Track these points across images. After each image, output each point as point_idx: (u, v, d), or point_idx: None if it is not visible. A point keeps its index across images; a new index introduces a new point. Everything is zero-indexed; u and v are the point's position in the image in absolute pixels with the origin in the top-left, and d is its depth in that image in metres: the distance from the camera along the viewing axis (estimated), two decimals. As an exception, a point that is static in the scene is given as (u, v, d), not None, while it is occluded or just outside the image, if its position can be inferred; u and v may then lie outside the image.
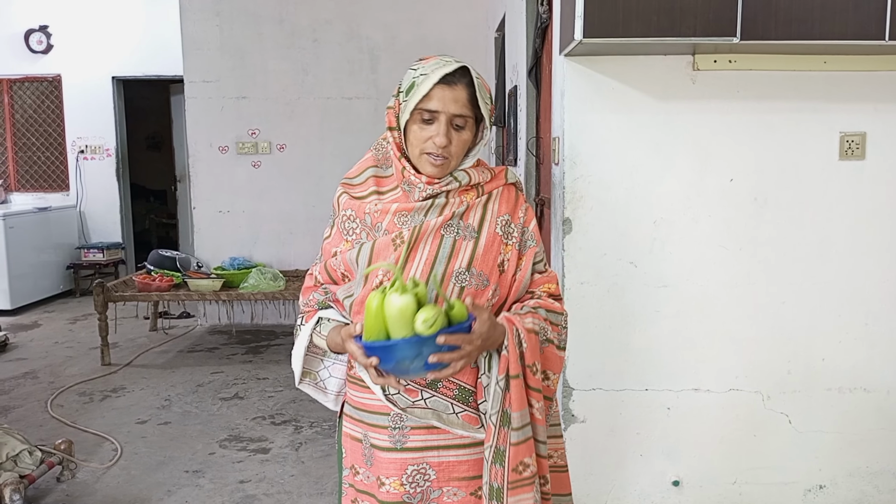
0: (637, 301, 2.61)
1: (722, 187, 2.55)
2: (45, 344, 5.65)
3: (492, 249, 1.50)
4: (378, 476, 1.52)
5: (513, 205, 1.55)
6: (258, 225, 6.09)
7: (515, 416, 1.44)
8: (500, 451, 1.44)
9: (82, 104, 7.61)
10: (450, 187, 1.48)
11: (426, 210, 1.47)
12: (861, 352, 2.62)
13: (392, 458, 1.50)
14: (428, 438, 1.50)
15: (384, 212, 1.49)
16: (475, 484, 1.52)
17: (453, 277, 1.46)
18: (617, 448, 2.68)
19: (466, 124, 1.46)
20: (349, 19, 5.92)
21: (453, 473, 1.51)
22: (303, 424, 3.92)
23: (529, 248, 1.56)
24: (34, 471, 3.04)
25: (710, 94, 2.51)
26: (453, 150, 1.45)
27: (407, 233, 1.46)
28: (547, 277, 1.59)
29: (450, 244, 1.47)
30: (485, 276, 1.48)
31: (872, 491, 2.68)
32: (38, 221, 7.10)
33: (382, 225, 1.48)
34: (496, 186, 1.55)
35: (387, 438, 1.51)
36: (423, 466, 1.50)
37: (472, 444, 1.51)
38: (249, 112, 5.99)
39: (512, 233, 1.53)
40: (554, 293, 1.59)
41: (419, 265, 1.46)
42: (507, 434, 1.44)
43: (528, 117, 3.61)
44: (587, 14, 2.17)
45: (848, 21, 2.18)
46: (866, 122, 2.52)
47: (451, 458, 1.51)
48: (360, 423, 1.55)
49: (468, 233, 1.49)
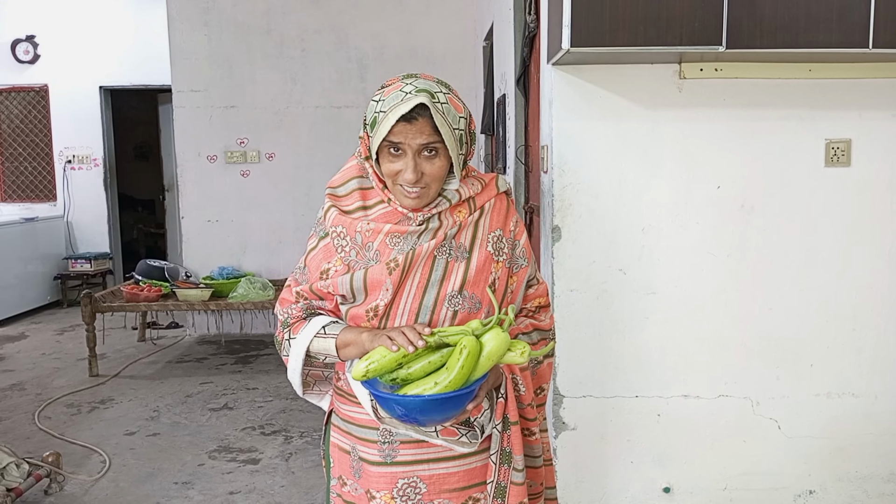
0: (626, 308, 2.61)
1: (709, 195, 2.57)
2: (32, 355, 5.61)
3: (483, 270, 1.46)
4: (368, 489, 1.51)
5: (504, 218, 1.52)
6: (247, 234, 6.08)
7: (517, 459, 1.46)
8: (502, 488, 1.46)
9: (69, 114, 7.58)
10: (440, 208, 1.44)
11: (419, 233, 1.43)
12: (849, 357, 2.64)
13: (382, 472, 1.49)
14: (418, 452, 1.48)
15: (376, 231, 1.43)
16: (466, 494, 1.51)
17: (446, 301, 1.43)
18: (607, 455, 2.68)
19: (438, 150, 1.38)
20: (338, 29, 5.93)
21: (444, 485, 1.50)
22: (293, 435, 3.91)
23: (521, 267, 1.54)
24: (21, 484, 3.01)
25: (697, 103, 2.53)
26: (429, 178, 1.39)
27: (401, 257, 1.41)
28: (537, 291, 1.59)
29: (442, 266, 1.43)
30: (477, 298, 1.46)
31: (862, 496, 2.69)
32: (25, 232, 7.06)
33: (374, 245, 1.43)
34: (488, 199, 1.50)
35: (376, 452, 1.49)
36: (413, 480, 1.49)
37: (461, 455, 1.50)
38: (238, 121, 5.98)
39: (503, 248, 1.50)
40: (543, 305, 1.60)
41: (411, 290, 1.43)
42: (507, 472, 1.46)
43: (517, 126, 3.62)
44: (574, 23, 2.18)
45: (832, 29, 2.21)
46: (851, 129, 2.55)
47: (441, 471, 1.50)
48: (349, 434, 1.54)
49: (460, 253, 1.45)
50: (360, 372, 1.32)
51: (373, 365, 1.31)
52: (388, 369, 1.32)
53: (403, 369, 1.32)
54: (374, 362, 1.31)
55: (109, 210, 7.81)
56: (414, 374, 1.32)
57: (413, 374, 1.32)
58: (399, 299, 1.43)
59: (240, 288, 5.24)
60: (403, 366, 1.32)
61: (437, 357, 1.32)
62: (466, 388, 1.29)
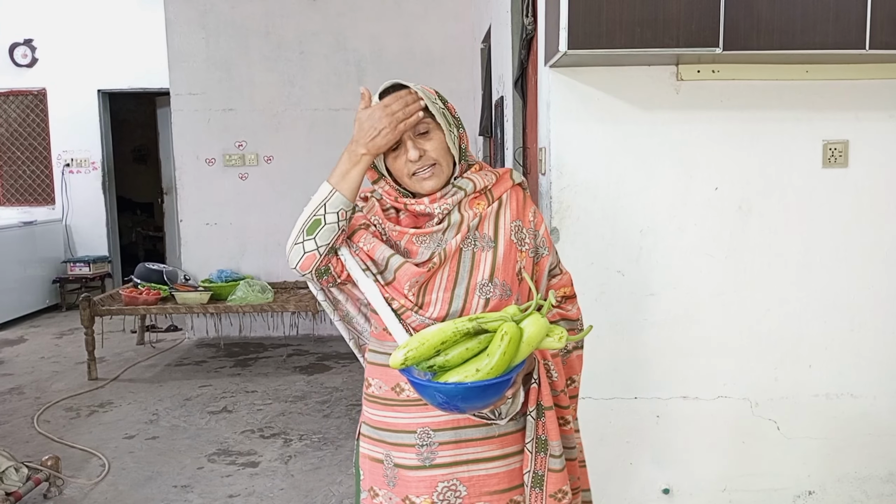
0: (624, 310, 2.62)
1: (707, 196, 2.57)
2: (31, 359, 5.60)
3: (510, 257, 1.49)
4: (406, 496, 1.48)
5: (521, 208, 1.55)
6: (246, 237, 6.07)
7: (554, 445, 1.46)
8: (539, 476, 1.45)
9: (68, 117, 7.58)
10: (456, 197, 1.46)
11: (444, 230, 1.46)
12: (847, 358, 2.64)
13: (421, 476, 1.47)
14: (457, 453, 1.47)
15: (402, 234, 1.47)
16: (507, 497, 1.50)
17: (477, 290, 1.45)
18: (607, 457, 2.68)
19: (430, 127, 1.45)
20: (336, 31, 5.93)
21: (484, 488, 1.48)
22: (292, 437, 3.91)
23: (543, 256, 1.56)
24: (20, 488, 3.00)
25: (694, 104, 2.53)
26: (433, 154, 1.44)
27: (436, 258, 1.43)
28: (561, 281, 1.61)
29: (469, 258, 1.46)
30: (507, 285, 1.48)
31: (861, 496, 2.70)
32: (24, 235, 7.05)
33: (402, 244, 1.47)
34: (504, 190, 1.53)
35: (414, 457, 1.47)
36: (453, 483, 1.47)
37: (501, 456, 1.49)
38: (236, 124, 5.98)
39: (524, 238, 1.53)
40: (569, 295, 1.62)
41: (441, 282, 1.45)
42: (545, 460, 1.46)
43: (515, 127, 3.63)
44: (571, 26, 2.18)
45: (829, 31, 2.21)
46: (849, 130, 2.55)
47: (481, 472, 1.48)
48: (382, 443, 1.52)
49: (485, 243, 1.48)
50: (398, 360, 1.31)
51: (411, 353, 1.30)
52: (427, 356, 1.31)
53: (441, 356, 1.31)
54: (413, 350, 1.30)
55: (108, 213, 7.81)
56: (452, 360, 1.31)
57: (451, 360, 1.31)
58: (430, 293, 1.44)
59: (238, 291, 5.24)
60: (441, 353, 1.31)
61: (475, 343, 1.32)
62: (507, 375, 1.29)
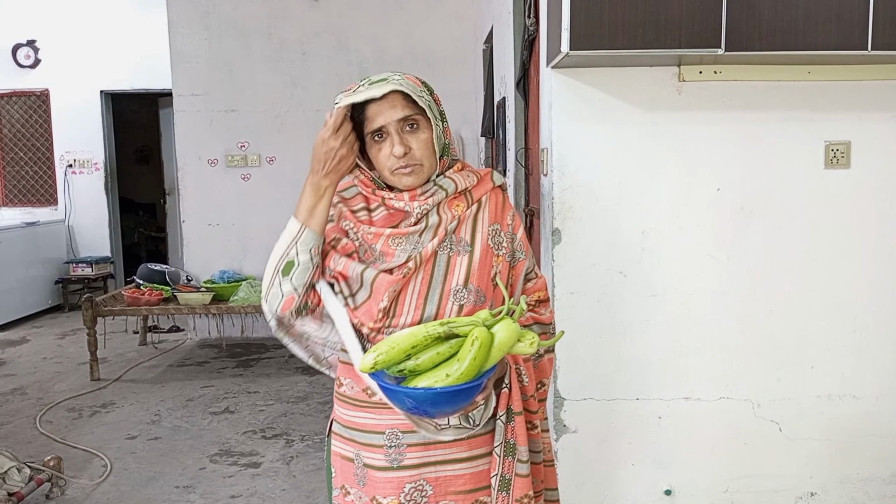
0: (627, 311, 2.61)
1: (709, 197, 2.57)
2: (33, 360, 5.61)
3: (486, 262, 1.47)
4: (374, 496, 1.48)
5: (500, 212, 1.53)
6: (248, 238, 6.07)
7: (522, 450, 1.45)
8: (507, 480, 1.45)
9: (70, 118, 7.60)
10: (437, 197, 1.44)
11: (420, 232, 1.44)
12: (849, 359, 2.63)
13: (389, 477, 1.47)
14: (425, 455, 1.47)
15: (377, 235, 1.44)
16: (472, 497, 1.50)
17: (451, 296, 1.44)
18: (609, 458, 2.68)
19: (419, 123, 1.42)
20: (338, 32, 5.94)
21: (450, 487, 1.49)
22: (294, 438, 3.91)
23: (519, 261, 1.54)
24: (23, 488, 3.01)
25: (697, 105, 2.53)
26: (417, 153, 1.41)
27: (411, 263, 1.42)
28: (536, 285, 1.59)
29: (444, 262, 1.44)
30: (482, 291, 1.46)
31: (863, 497, 2.69)
32: (26, 236, 7.07)
33: (377, 247, 1.45)
34: (484, 192, 1.51)
35: (382, 457, 1.47)
36: (420, 483, 1.47)
37: (469, 458, 1.49)
38: (238, 125, 5.99)
39: (501, 242, 1.51)
40: (543, 299, 1.60)
41: (415, 288, 1.43)
42: (512, 464, 1.45)
43: (517, 128, 3.63)
44: (573, 27, 2.18)
45: (831, 31, 2.21)
46: (851, 130, 2.55)
47: (448, 473, 1.48)
48: (352, 441, 1.52)
49: (461, 247, 1.46)
50: (368, 364, 1.30)
51: (381, 356, 1.29)
52: (397, 360, 1.30)
53: (411, 360, 1.30)
54: (382, 353, 1.29)
55: (110, 214, 7.83)
56: (422, 365, 1.30)
57: (421, 365, 1.30)
58: (403, 298, 1.43)
59: (241, 291, 5.24)
60: (412, 357, 1.30)
61: (446, 348, 1.31)
62: (478, 380, 1.28)
